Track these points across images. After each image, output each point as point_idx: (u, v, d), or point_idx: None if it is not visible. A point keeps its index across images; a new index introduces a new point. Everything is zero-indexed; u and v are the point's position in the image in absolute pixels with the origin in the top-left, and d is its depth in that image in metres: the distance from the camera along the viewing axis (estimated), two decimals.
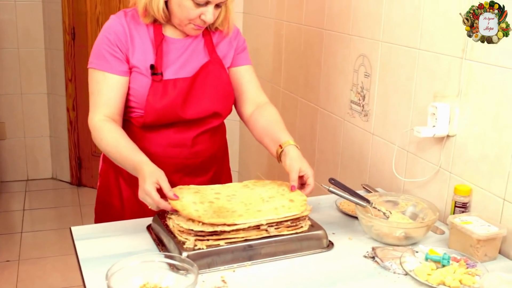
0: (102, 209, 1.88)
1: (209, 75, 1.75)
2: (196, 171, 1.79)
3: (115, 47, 1.68)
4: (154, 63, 1.69)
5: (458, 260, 1.41)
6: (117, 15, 1.73)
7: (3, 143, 4.53)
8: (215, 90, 1.76)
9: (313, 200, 1.84)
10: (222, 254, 1.38)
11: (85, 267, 1.39)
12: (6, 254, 3.42)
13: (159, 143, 1.74)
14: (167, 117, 1.71)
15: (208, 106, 1.76)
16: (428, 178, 1.80)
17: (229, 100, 1.81)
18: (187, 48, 1.75)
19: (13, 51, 4.41)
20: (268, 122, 1.79)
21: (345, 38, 2.28)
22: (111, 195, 1.84)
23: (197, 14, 1.64)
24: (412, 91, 1.87)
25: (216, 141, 1.87)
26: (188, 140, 1.76)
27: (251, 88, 1.86)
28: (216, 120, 1.81)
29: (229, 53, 1.83)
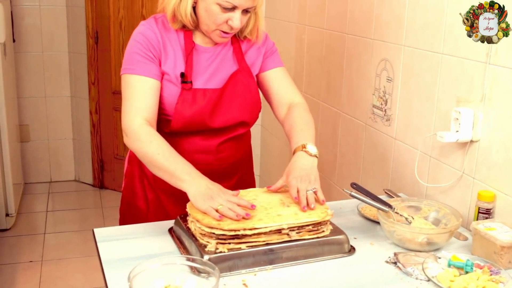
0: (127, 210, 1.89)
1: (238, 85, 1.74)
2: (220, 177, 1.77)
3: (148, 51, 1.66)
4: (184, 71, 1.68)
5: (481, 266, 1.39)
6: (148, 22, 1.71)
7: (27, 145, 4.58)
8: (243, 99, 1.75)
9: (335, 204, 1.83)
10: (243, 257, 1.38)
11: (108, 269, 1.40)
12: (29, 255, 3.46)
13: (185, 149, 1.73)
14: (195, 125, 1.71)
15: (235, 115, 1.75)
16: (451, 184, 1.79)
17: (256, 109, 1.80)
18: (217, 56, 1.75)
19: (37, 55, 4.47)
20: (289, 127, 1.77)
21: (367, 43, 2.28)
22: (136, 197, 1.85)
23: (224, 20, 1.62)
24: (435, 96, 1.86)
25: (241, 148, 1.86)
26: (213, 147, 1.76)
27: (281, 90, 1.83)
28: (242, 128, 1.81)
29: (257, 60, 1.82)
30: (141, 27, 1.70)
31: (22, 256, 3.44)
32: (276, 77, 1.83)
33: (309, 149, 1.64)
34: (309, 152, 1.63)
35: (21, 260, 3.39)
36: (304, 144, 1.65)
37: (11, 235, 3.73)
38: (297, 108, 1.80)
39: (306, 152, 1.63)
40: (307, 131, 1.73)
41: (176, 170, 1.53)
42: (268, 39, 1.85)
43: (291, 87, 1.85)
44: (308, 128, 1.74)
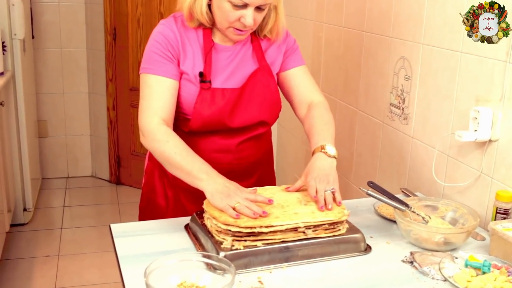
0: (146, 207, 1.90)
1: (257, 84, 1.73)
2: (240, 176, 1.77)
3: (167, 51, 1.67)
4: (203, 71, 1.68)
5: (499, 267, 1.38)
6: (167, 21, 1.71)
7: (45, 141, 4.63)
8: (262, 98, 1.74)
9: (351, 203, 1.83)
10: (259, 255, 1.38)
11: (124, 264, 1.41)
12: (46, 249, 3.50)
13: (204, 148, 1.73)
14: (214, 125, 1.71)
15: (255, 115, 1.75)
16: (469, 183, 1.77)
17: (276, 108, 1.80)
18: (236, 55, 1.74)
19: (56, 51, 4.50)
20: (309, 126, 1.76)
21: (385, 41, 2.26)
22: (155, 194, 1.86)
23: (236, 17, 1.61)
24: (453, 95, 1.84)
25: (261, 147, 1.86)
26: (233, 146, 1.76)
27: (302, 90, 1.82)
28: (262, 128, 1.80)
29: (278, 59, 1.80)
30: (160, 26, 1.71)
31: (39, 251, 3.48)
32: (297, 77, 1.82)
33: (328, 150, 1.62)
34: (328, 153, 1.62)
35: (38, 255, 3.43)
36: (323, 145, 1.64)
37: (28, 229, 3.76)
38: (317, 107, 1.79)
39: (325, 153, 1.62)
40: (327, 132, 1.71)
41: (193, 169, 1.53)
42: (289, 37, 1.84)
43: (312, 86, 1.84)
44: (328, 129, 1.73)
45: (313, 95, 1.83)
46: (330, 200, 1.50)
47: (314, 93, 1.83)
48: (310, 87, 1.84)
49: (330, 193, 1.51)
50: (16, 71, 3.58)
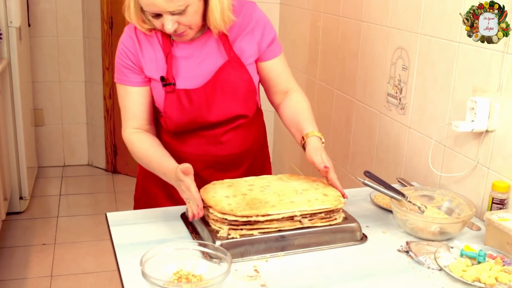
0: (141, 196, 1.90)
1: (228, 78, 1.68)
2: (227, 167, 1.77)
3: (128, 60, 1.68)
4: (165, 74, 1.66)
5: (494, 257, 1.38)
6: (128, 27, 1.71)
7: (41, 130, 4.62)
8: (235, 92, 1.70)
9: (348, 192, 1.81)
10: (255, 243, 1.39)
11: (120, 253, 1.41)
12: (42, 238, 3.50)
13: (188, 142, 1.73)
14: (189, 125, 1.70)
15: (229, 109, 1.71)
16: (465, 174, 1.78)
17: (251, 98, 1.75)
18: (201, 50, 1.69)
19: (52, 40, 4.48)
20: (293, 111, 1.76)
21: (383, 30, 2.26)
22: (150, 183, 1.85)
23: (160, 25, 1.57)
24: (451, 85, 1.84)
25: (250, 136, 1.82)
26: (216, 138, 1.74)
27: (281, 81, 1.81)
28: (242, 120, 1.76)
29: (251, 46, 1.72)
30: (123, 34, 1.72)
31: (35, 239, 3.48)
32: (276, 68, 1.79)
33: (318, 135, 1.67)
34: (322, 140, 1.67)
35: (34, 243, 3.43)
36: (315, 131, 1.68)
37: (24, 218, 3.76)
38: (297, 93, 1.81)
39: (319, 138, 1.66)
40: (312, 117, 1.75)
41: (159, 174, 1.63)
42: (266, 24, 1.74)
43: (288, 75, 1.84)
44: (312, 115, 1.76)
45: (290, 84, 1.83)
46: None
47: (291, 82, 1.84)
48: (288, 76, 1.83)
49: None
50: (12, 59, 3.56)
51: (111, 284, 3.00)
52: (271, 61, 1.78)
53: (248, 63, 1.72)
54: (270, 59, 1.77)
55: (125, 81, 1.70)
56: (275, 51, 1.78)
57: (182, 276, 1.24)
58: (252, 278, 1.30)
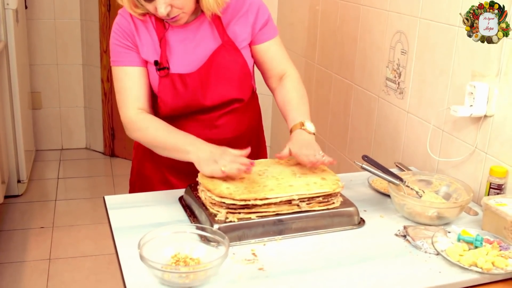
0: (136, 180, 1.90)
1: (222, 62, 1.67)
2: None
3: (125, 40, 1.65)
4: (159, 58, 1.65)
5: (491, 242, 1.39)
6: (122, 10, 1.67)
7: (39, 113, 4.60)
8: (230, 76, 1.69)
9: (345, 176, 1.83)
10: (253, 227, 1.39)
11: (118, 236, 1.41)
12: (40, 221, 3.50)
13: (183, 126, 1.70)
14: (183, 110, 1.69)
15: (224, 93, 1.71)
16: (463, 158, 1.78)
17: (246, 81, 1.75)
18: (195, 33, 1.68)
19: (49, 22, 4.45)
20: (282, 101, 1.76)
21: (382, 14, 2.24)
22: (145, 167, 1.85)
23: (153, 9, 1.56)
24: (450, 70, 1.83)
25: (243, 121, 1.81)
26: (211, 122, 1.74)
27: (275, 65, 1.79)
28: (237, 104, 1.76)
29: (245, 30, 1.71)
30: (118, 16, 1.69)
31: (33, 222, 3.48)
32: (271, 50, 1.77)
33: (307, 127, 1.63)
34: (308, 130, 1.63)
35: (33, 226, 3.44)
36: (302, 121, 1.64)
37: (22, 201, 3.77)
38: (289, 79, 1.78)
39: (305, 130, 1.63)
40: (303, 106, 1.71)
41: (177, 144, 1.55)
42: (259, 6, 1.72)
43: (284, 58, 1.81)
44: (304, 103, 1.73)
45: (286, 67, 1.80)
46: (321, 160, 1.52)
47: (287, 65, 1.81)
48: (283, 59, 1.80)
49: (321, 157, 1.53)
50: (9, 41, 3.54)
51: (109, 267, 3.01)
52: (264, 44, 1.76)
53: (242, 47, 1.71)
54: (264, 41, 1.76)
55: (124, 62, 1.67)
56: (269, 34, 1.76)
57: (180, 259, 1.24)
58: (250, 262, 1.30)
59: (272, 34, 1.77)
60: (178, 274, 1.19)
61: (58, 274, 2.95)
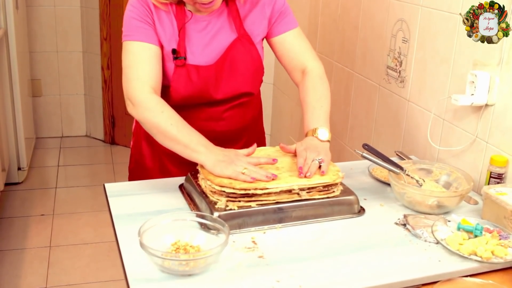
0: (135, 168, 1.89)
1: (237, 55, 1.66)
2: (225, 142, 1.72)
3: (146, 17, 1.61)
4: (176, 47, 1.63)
5: (491, 231, 1.39)
6: None
7: (39, 100, 4.60)
8: (244, 70, 1.68)
9: (346, 165, 1.83)
10: (253, 215, 1.39)
11: (118, 224, 1.41)
12: (41, 209, 3.51)
13: (188, 116, 1.66)
14: (194, 100, 1.68)
15: (237, 87, 1.70)
16: (463, 148, 1.78)
17: (259, 75, 1.74)
18: (214, 25, 1.67)
19: (49, 9, 4.44)
20: (302, 102, 1.71)
21: (383, 2, 2.23)
22: (143, 156, 1.85)
23: None
24: (451, 58, 1.83)
25: (247, 113, 1.81)
26: (218, 114, 1.73)
27: (294, 56, 1.75)
28: (246, 97, 1.76)
29: (261, 24, 1.71)
30: None
31: (33, 210, 3.49)
32: (289, 41, 1.75)
33: (319, 135, 1.59)
34: (319, 138, 1.59)
35: (33, 214, 3.44)
36: (316, 128, 1.61)
37: (23, 188, 3.77)
38: (311, 76, 1.74)
39: (317, 138, 1.59)
40: (320, 109, 1.66)
41: (191, 142, 1.50)
42: (276, 1, 1.72)
43: (305, 50, 1.77)
44: (321, 105, 1.68)
45: (306, 60, 1.76)
46: (314, 169, 1.46)
47: (308, 58, 1.77)
48: (303, 51, 1.77)
49: (317, 162, 1.48)
50: (8, 28, 3.53)
51: (110, 254, 3.02)
52: (281, 36, 1.74)
53: (257, 41, 1.71)
54: (280, 34, 1.74)
55: (141, 38, 1.60)
56: (286, 26, 1.74)
57: (180, 247, 1.24)
58: (250, 250, 1.31)
59: (289, 26, 1.75)
60: (178, 262, 1.19)
61: (58, 261, 2.96)
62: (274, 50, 1.79)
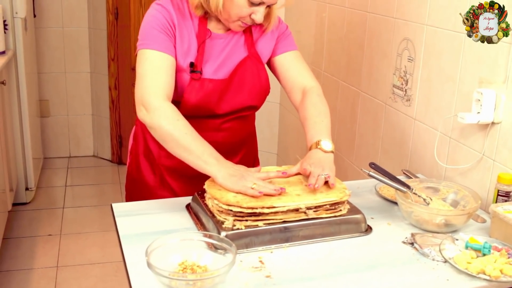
0: (132, 187, 1.91)
1: (247, 72, 1.72)
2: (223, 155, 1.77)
3: (166, 28, 1.64)
4: (194, 60, 1.66)
5: (499, 249, 1.38)
6: (163, 2, 1.67)
7: (47, 121, 4.63)
8: (251, 86, 1.74)
9: (353, 184, 1.83)
10: (260, 235, 1.39)
11: (125, 243, 1.41)
12: (48, 229, 3.51)
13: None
14: (201, 111, 1.70)
15: (243, 101, 1.75)
16: (470, 166, 1.77)
17: (264, 94, 1.79)
18: (228, 43, 1.73)
19: (58, 31, 4.48)
20: (302, 119, 1.73)
21: (389, 21, 2.25)
22: (141, 173, 1.86)
23: (248, 13, 1.60)
24: (457, 77, 1.83)
25: (245, 127, 1.85)
26: (217, 125, 1.75)
27: (293, 75, 1.79)
28: (249, 112, 1.80)
29: (269, 46, 1.79)
30: (157, 6, 1.67)
31: (41, 230, 3.49)
32: (288, 61, 1.80)
33: (323, 146, 1.60)
34: (323, 149, 1.59)
35: (40, 234, 3.45)
36: (319, 140, 1.61)
37: (30, 208, 3.78)
38: (310, 95, 1.76)
39: (320, 149, 1.60)
40: (320, 124, 1.68)
41: (204, 154, 1.50)
42: (281, 23, 1.81)
43: (303, 71, 1.81)
44: (321, 120, 1.69)
45: (305, 80, 1.79)
46: (321, 182, 1.47)
47: (306, 78, 1.80)
48: (302, 72, 1.80)
49: (323, 178, 1.49)
50: (17, 50, 3.57)
51: (117, 274, 3.02)
52: (281, 55, 1.80)
53: (266, 62, 1.79)
54: (280, 53, 1.79)
55: (161, 47, 1.62)
56: (287, 46, 1.80)
57: (187, 266, 1.24)
58: (257, 269, 1.30)
59: (290, 47, 1.81)
60: (185, 282, 1.19)
61: (65, 281, 2.95)
62: (274, 70, 1.83)
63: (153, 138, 1.76)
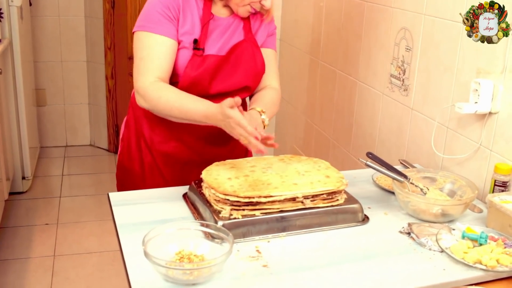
0: (122, 175, 1.93)
1: (243, 53, 1.76)
2: (217, 140, 1.81)
3: (169, 11, 1.67)
4: (198, 38, 1.70)
5: (496, 239, 1.38)
6: None
7: (43, 110, 4.61)
8: (247, 66, 1.78)
9: (350, 174, 1.83)
10: (257, 224, 1.39)
11: (122, 233, 1.41)
12: (45, 218, 3.51)
13: None
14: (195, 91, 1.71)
15: (239, 81, 1.77)
16: (467, 156, 1.77)
17: (259, 76, 1.83)
18: (229, 27, 1.77)
19: (54, 19, 4.46)
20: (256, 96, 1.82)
21: (387, 11, 2.24)
22: (132, 161, 1.88)
23: None
24: (454, 67, 1.83)
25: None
26: None
27: (266, 72, 1.85)
28: (244, 93, 1.81)
29: (263, 36, 1.85)
30: None
31: (38, 219, 3.49)
32: (266, 57, 1.84)
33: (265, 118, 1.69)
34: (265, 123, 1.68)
35: (37, 223, 3.44)
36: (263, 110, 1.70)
37: (27, 198, 3.78)
38: (272, 90, 1.85)
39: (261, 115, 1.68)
40: (270, 109, 1.76)
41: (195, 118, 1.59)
42: (273, 21, 1.88)
43: (273, 73, 1.89)
44: (271, 107, 1.78)
45: (273, 81, 1.88)
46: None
47: (274, 80, 1.88)
48: (272, 73, 1.88)
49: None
50: (13, 38, 3.55)
51: (114, 264, 3.02)
52: (266, 49, 1.85)
53: None
54: (266, 47, 1.86)
55: (160, 31, 1.67)
56: (272, 44, 1.89)
57: (184, 256, 1.24)
58: (254, 259, 1.30)
59: (272, 45, 1.89)
60: (182, 271, 1.19)
61: (62, 270, 2.95)
62: None
63: (147, 124, 1.78)
